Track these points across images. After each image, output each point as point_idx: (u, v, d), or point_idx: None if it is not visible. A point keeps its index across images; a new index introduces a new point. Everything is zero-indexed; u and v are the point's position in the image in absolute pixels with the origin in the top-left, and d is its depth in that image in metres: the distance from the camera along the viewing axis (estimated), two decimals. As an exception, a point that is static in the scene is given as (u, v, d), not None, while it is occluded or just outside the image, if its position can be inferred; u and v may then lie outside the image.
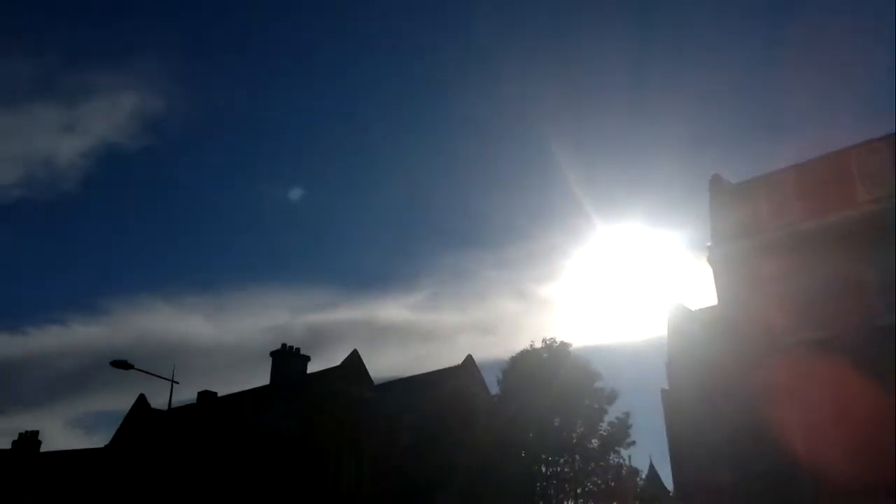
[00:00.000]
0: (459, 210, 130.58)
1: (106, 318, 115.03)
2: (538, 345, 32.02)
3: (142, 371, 29.92)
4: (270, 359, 37.69)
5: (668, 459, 33.14)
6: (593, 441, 30.44)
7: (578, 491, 29.89)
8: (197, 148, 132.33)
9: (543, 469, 30.01)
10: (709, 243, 24.97)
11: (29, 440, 52.89)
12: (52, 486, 43.05)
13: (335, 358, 44.97)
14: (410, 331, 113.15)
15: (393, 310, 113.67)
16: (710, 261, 24.72)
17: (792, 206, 24.18)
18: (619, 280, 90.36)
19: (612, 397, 31.53)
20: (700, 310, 31.30)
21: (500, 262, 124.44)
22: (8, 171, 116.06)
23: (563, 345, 31.85)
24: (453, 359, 51.13)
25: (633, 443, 30.62)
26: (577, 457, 30.21)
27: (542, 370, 30.77)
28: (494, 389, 33.33)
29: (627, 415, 31.38)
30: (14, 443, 52.62)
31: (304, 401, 33.36)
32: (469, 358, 39.66)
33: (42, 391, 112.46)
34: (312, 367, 38.40)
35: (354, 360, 35.59)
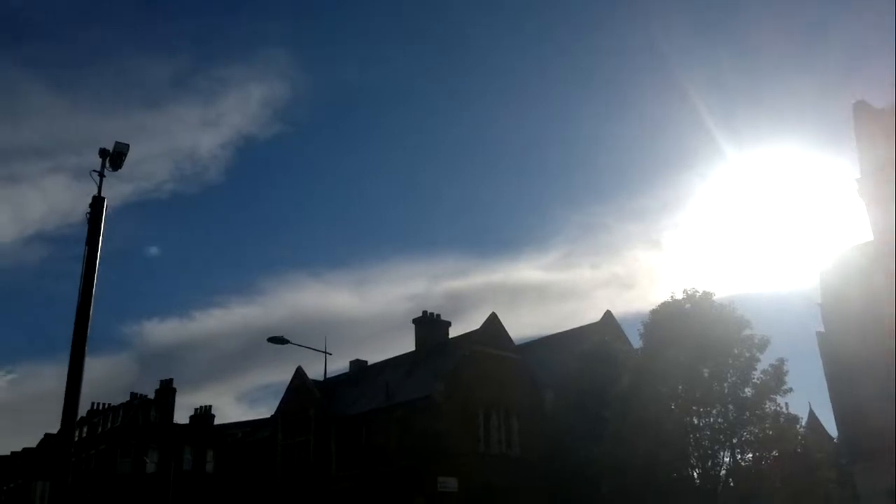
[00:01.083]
0: (587, 164, 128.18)
1: (261, 298, 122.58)
2: (679, 296, 31.10)
3: (297, 345, 31.88)
4: (413, 326, 38.94)
5: (828, 405, 31.76)
6: (746, 390, 29.38)
7: (734, 441, 29.05)
8: (326, 128, 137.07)
9: (696, 420, 29.36)
10: (858, 176, 23.38)
11: (204, 415, 57.89)
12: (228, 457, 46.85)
13: (474, 322, 45.82)
14: (546, 290, 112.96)
15: (527, 271, 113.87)
16: (861, 193, 23.17)
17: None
18: (761, 223, 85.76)
19: (763, 344, 30.17)
20: (854, 246, 29.45)
21: (633, 214, 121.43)
22: (161, 167, 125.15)
23: (706, 294, 30.77)
24: (591, 316, 50.74)
25: (790, 390, 29.27)
26: (731, 406, 29.26)
27: (686, 321, 29.86)
28: (637, 344, 32.84)
29: (782, 361, 29.94)
30: (191, 417, 57.73)
31: (448, 364, 34.42)
32: (608, 313, 39.33)
33: (211, 370, 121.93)
34: (453, 332, 39.41)
35: (494, 322, 36.23)
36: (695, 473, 29.02)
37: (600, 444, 28.49)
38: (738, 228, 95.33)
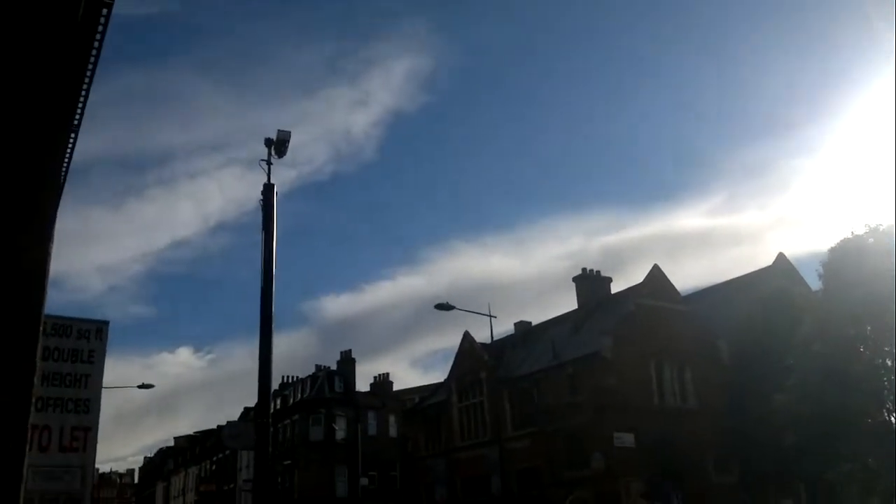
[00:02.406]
0: (747, 95, 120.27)
1: (425, 267, 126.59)
2: (859, 231, 28.80)
3: (462, 310, 32.84)
4: (574, 284, 38.77)
5: None
6: (948, 329, 26.92)
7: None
8: (471, 94, 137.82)
9: (889, 362, 27.28)
10: None
11: (383, 382, 61.04)
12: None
13: (636, 277, 44.88)
14: (710, 237, 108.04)
15: (687, 219, 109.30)
16: None
17: None
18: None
19: (963, 271, 27.44)
20: None
21: (800, 148, 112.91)
22: (320, 150, 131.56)
23: (890, 227, 28.30)
24: (763, 261, 48.07)
25: None
26: (927, 344, 26.95)
27: (871, 258, 27.65)
28: (816, 286, 30.82)
29: None
30: (371, 385, 61.04)
31: (613, 320, 34.06)
32: (781, 255, 37.18)
33: (385, 339, 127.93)
34: (615, 288, 38.87)
35: (657, 274, 35.35)
36: (892, 419, 27.07)
37: (783, 393, 27.24)
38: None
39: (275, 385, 45.21)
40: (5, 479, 6.72)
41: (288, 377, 62.38)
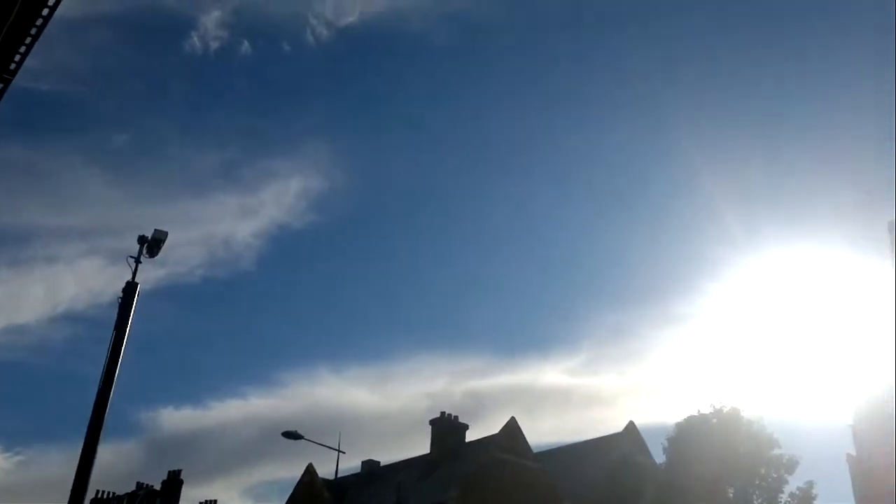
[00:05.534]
0: (619, 264, 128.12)
1: (280, 390, 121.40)
2: (706, 410, 30.31)
3: (311, 441, 31.19)
4: (430, 427, 38.07)
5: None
6: (774, 513, 28.21)
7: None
8: (359, 222, 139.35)
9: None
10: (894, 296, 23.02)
11: (208, 509, 56.27)
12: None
13: (494, 424, 44.81)
14: (570, 395, 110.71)
15: (552, 374, 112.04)
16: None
17: None
18: (793, 340, 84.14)
19: (791, 465, 29.21)
20: (890, 370, 28.77)
21: (663, 320, 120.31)
22: (195, 253, 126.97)
23: (734, 410, 29.99)
24: (615, 424, 49.53)
25: (820, 513, 28.04)
26: (757, 528, 28.05)
27: (712, 437, 29.00)
28: (659, 455, 31.83)
29: (811, 484, 28.89)
30: (196, 511, 56.07)
31: (464, 470, 33.36)
32: (631, 424, 38.29)
33: (220, 461, 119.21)
34: (472, 435, 38.46)
35: (513, 427, 35.31)
36: None
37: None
38: (769, 343, 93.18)
39: (87, 500, 40.51)
40: None
41: (103, 492, 56.30)
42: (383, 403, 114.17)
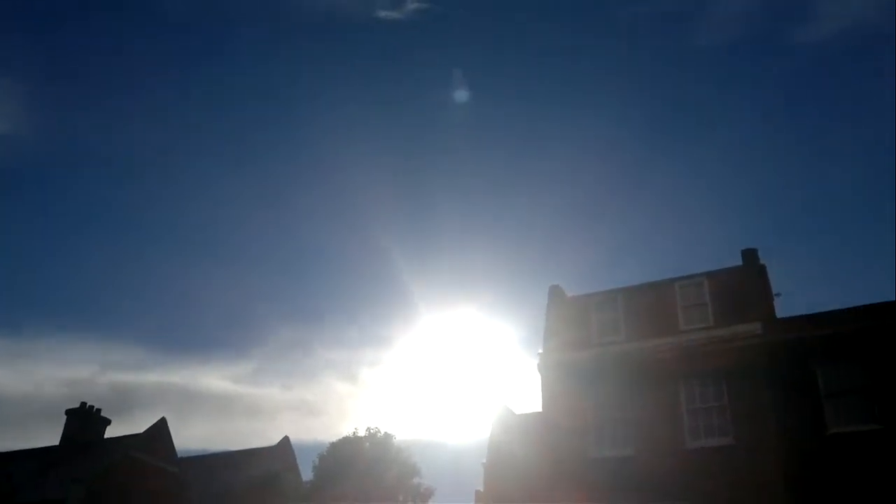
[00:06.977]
0: (299, 280, 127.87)
1: None
2: (362, 433, 30.98)
3: None
4: (65, 417, 34.01)
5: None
6: (403, 538, 29.53)
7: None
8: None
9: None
10: (540, 350, 25.52)
11: None
12: None
13: (142, 424, 41.40)
14: (232, 403, 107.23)
15: (215, 379, 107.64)
16: (540, 367, 25.19)
17: (618, 326, 25.34)
18: (451, 375, 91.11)
19: (427, 495, 30.83)
20: (524, 414, 31.75)
21: (337, 343, 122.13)
22: None
23: (388, 436, 30.87)
24: (274, 437, 48.72)
25: (443, 544, 29.93)
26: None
27: (362, 459, 29.63)
28: (309, 472, 31.76)
29: (441, 514, 30.81)
30: None
31: (91, 467, 30.11)
32: (285, 439, 37.69)
33: None
34: (114, 431, 35.09)
35: (160, 428, 32.71)
36: None
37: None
38: (431, 378, 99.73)
39: None
40: None
41: None
42: (18, 384, 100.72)
